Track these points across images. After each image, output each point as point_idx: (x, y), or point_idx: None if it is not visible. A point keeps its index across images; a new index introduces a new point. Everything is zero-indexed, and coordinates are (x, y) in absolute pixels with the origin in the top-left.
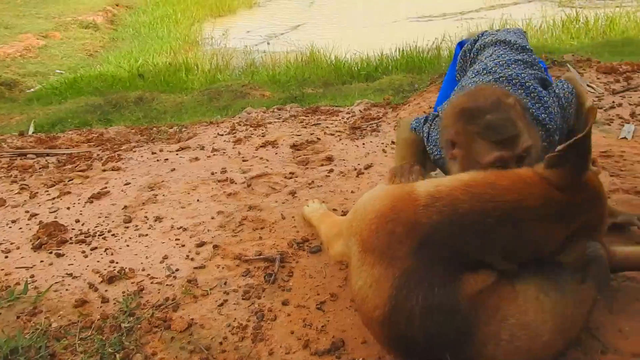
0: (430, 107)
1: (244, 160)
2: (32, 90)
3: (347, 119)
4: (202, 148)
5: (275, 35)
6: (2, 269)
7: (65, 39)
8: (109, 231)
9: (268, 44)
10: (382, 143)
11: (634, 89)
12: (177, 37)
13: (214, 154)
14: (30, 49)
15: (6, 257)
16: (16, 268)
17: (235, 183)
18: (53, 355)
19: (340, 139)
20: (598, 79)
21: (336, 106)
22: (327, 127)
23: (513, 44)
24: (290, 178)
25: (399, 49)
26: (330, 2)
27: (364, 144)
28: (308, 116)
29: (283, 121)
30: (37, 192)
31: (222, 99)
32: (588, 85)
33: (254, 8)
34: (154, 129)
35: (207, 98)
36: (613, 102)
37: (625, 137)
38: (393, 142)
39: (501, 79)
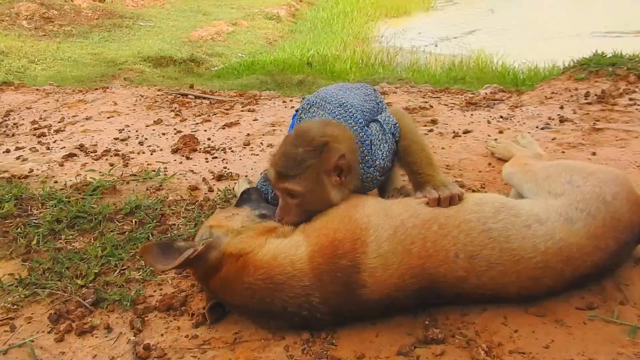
0: (554, 93)
1: None
2: (215, 68)
3: (469, 97)
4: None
5: (447, 39)
6: (146, 161)
7: (251, 28)
8: (230, 148)
9: (436, 46)
10: (490, 116)
11: None
12: (349, 33)
13: None
14: (220, 34)
15: (151, 154)
16: (156, 162)
17: None
18: (163, 215)
19: (451, 109)
20: None
21: (467, 90)
22: (446, 100)
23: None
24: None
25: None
26: (513, 11)
27: (472, 114)
28: (434, 93)
29: (408, 93)
30: (186, 118)
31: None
32: None
33: (431, 11)
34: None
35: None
36: None
37: None
38: (502, 117)
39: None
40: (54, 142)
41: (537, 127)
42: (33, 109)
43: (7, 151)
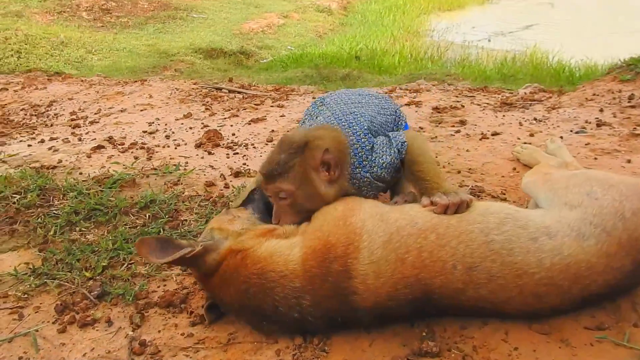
0: (595, 95)
1: None
2: (264, 61)
3: (506, 97)
4: None
5: (502, 33)
6: (170, 155)
7: (302, 20)
8: (252, 144)
9: (489, 40)
10: (523, 118)
11: None
12: (400, 26)
13: None
14: (270, 26)
15: (175, 148)
16: (179, 156)
17: None
18: (177, 210)
19: (483, 109)
20: None
21: (506, 89)
22: (480, 99)
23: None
24: (418, 132)
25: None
26: (575, 5)
27: (504, 115)
28: (471, 92)
29: (441, 90)
30: (215, 113)
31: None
32: None
33: (486, 5)
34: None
35: (406, 80)
36: None
37: None
38: (535, 119)
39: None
40: (87, 133)
41: (571, 131)
42: (74, 99)
43: (42, 141)
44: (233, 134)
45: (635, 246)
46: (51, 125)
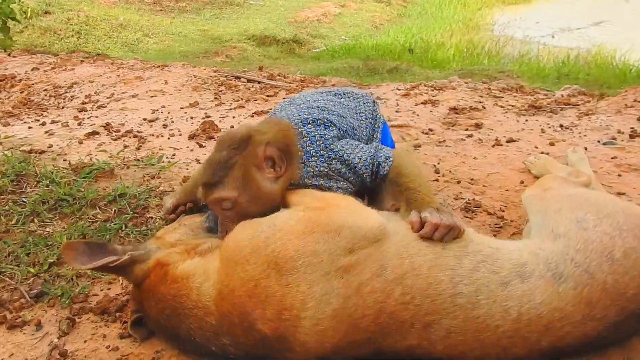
0: (637, 101)
1: (397, 111)
2: (316, 50)
3: (537, 99)
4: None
5: (569, 29)
6: (160, 146)
7: (359, 10)
8: None
9: (552, 37)
10: (547, 123)
11: None
12: (460, 19)
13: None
14: (326, 15)
15: (168, 138)
16: (169, 147)
17: None
18: (145, 207)
19: (506, 112)
20: None
21: (547, 89)
22: (507, 100)
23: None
24: (427, 134)
25: None
26: None
27: (527, 120)
28: (502, 92)
29: (470, 89)
30: (224, 103)
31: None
32: None
33: None
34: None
35: (457, 75)
36: None
37: None
38: (561, 125)
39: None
40: (89, 118)
41: (598, 142)
42: (95, 82)
43: (43, 124)
44: (231, 126)
45: (623, 293)
46: (62, 108)
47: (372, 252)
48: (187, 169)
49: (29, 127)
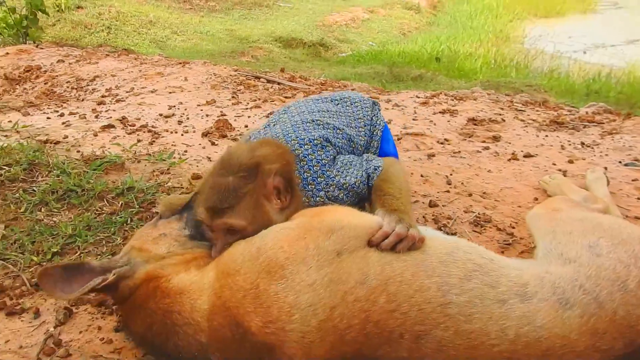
0: None
1: (414, 119)
2: (343, 54)
3: (560, 115)
4: (388, 102)
5: (602, 46)
6: (173, 142)
7: (387, 16)
8: None
9: (584, 52)
10: (568, 140)
11: None
12: (490, 30)
13: (392, 108)
14: (355, 20)
15: (182, 135)
16: (182, 143)
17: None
18: (152, 202)
19: (526, 127)
20: None
21: (572, 105)
22: (528, 114)
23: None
24: (442, 144)
25: None
26: None
27: (546, 135)
28: (524, 105)
29: (491, 100)
30: (240, 102)
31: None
32: None
33: (588, 13)
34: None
35: (481, 87)
36: None
37: None
38: (582, 143)
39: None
40: (106, 111)
41: (620, 162)
42: (117, 77)
43: (61, 115)
44: (246, 126)
45: (633, 326)
46: (82, 100)
47: (357, 257)
48: (197, 166)
49: (47, 118)
